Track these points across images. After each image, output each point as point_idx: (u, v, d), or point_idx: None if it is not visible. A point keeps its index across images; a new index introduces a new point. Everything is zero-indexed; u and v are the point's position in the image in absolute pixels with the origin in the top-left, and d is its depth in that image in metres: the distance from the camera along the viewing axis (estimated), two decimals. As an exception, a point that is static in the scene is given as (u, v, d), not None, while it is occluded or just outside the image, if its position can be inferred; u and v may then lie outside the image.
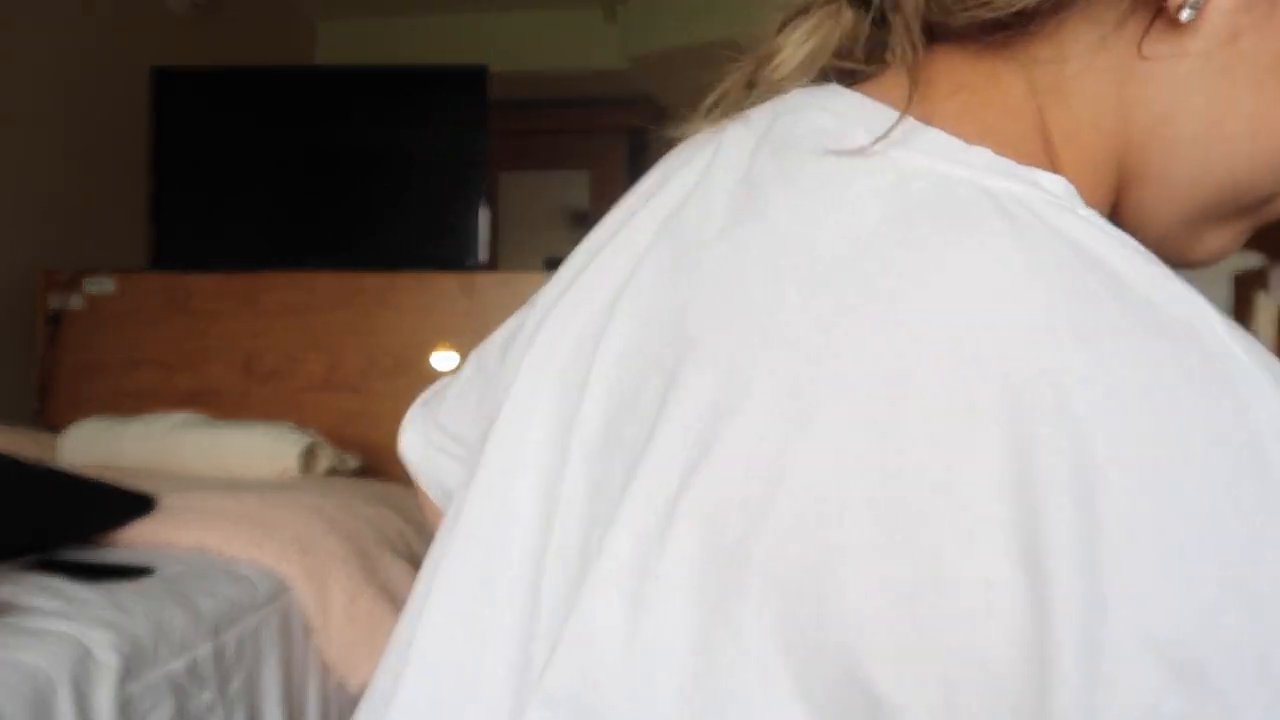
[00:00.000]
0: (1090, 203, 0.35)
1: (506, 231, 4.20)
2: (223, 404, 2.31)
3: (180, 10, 3.09)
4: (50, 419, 2.35)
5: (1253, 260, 2.53)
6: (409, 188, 2.58)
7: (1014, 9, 0.37)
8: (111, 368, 2.38)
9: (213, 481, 1.79)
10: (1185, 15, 0.37)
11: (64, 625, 1.15)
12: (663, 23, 3.59)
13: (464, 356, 2.53)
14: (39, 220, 2.59)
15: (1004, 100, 0.39)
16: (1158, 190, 0.40)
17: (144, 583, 1.34)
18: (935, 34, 0.40)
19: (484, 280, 2.34)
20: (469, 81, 2.59)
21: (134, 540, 1.53)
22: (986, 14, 0.38)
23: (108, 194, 2.80)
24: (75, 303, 2.39)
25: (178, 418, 2.00)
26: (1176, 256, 0.44)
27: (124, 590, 1.29)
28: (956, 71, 0.40)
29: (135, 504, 1.53)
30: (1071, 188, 0.35)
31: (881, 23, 0.41)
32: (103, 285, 2.40)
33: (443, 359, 2.29)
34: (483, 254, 2.56)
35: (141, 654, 1.20)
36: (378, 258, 2.53)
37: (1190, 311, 0.30)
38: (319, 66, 3.86)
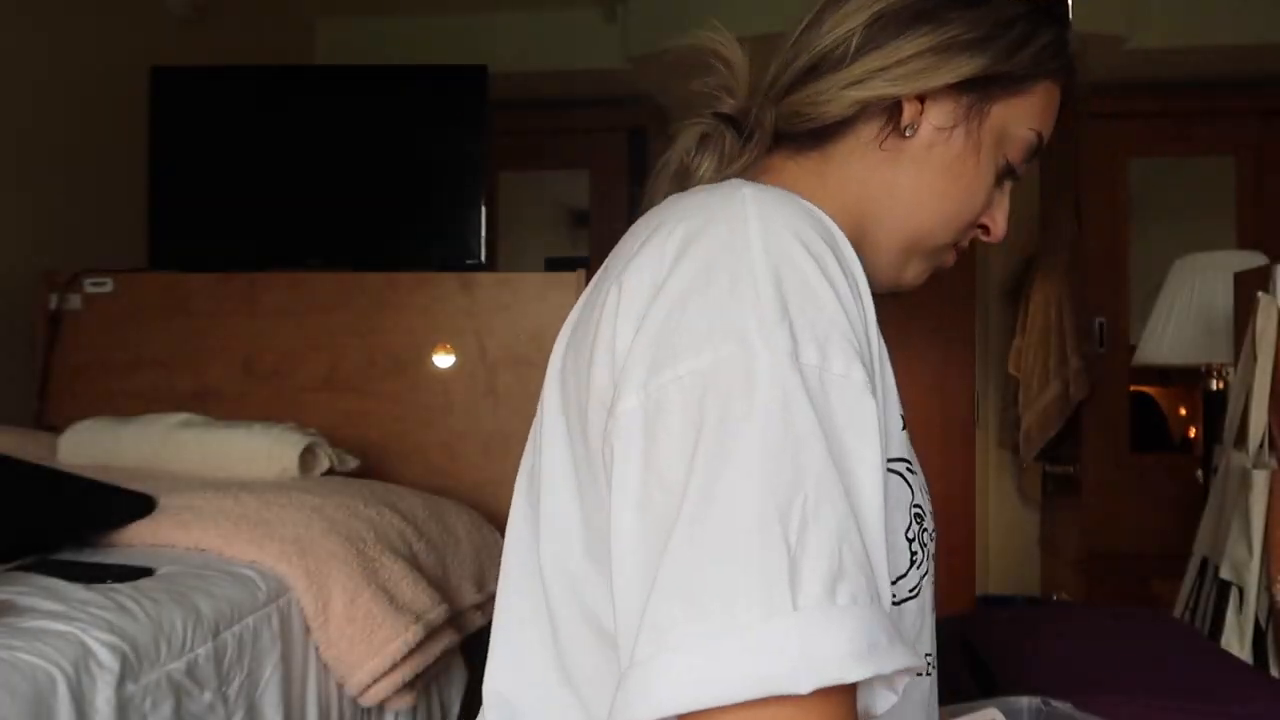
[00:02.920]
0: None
1: (506, 231, 4.19)
2: (222, 404, 2.31)
3: (179, 11, 3.09)
4: (49, 419, 2.35)
5: (1254, 259, 2.53)
6: (409, 187, 2.58)
7: (813, 125, 0.73)
8: (111, 368, 2.38)
9: (212, 481, 1.79)
10: (908, 133, 0.72)
11: (63, 626, 1.15)
12: (663, 23, 3.59)
13: (463, 356, 2.51)
14: (38, 221, 2.59)
15: (786, 182, 0.73)
16: (880, 235, 0.75)
17: (143, 583, 1.33)
18: (770, 147, 0.76)
19: (484, 280, 2.34)
20: (469, 81, 2.58)
21: (133, 541, 1.53)
22: (800, 126, 0.74)
23: (107, 194, 2.80)
24: (74, 303, 2.39)
25: (177, 418, 2.00)
26: (894, 278, 0.78)
27: (123, 591, 1.28)
28: (772, 166, 0.77)
29: (135, 504, 1.53)
30: None
31: (747, 141, 0.76)
32: (102, 285, 2.40)
33: (442, 359, 2.29)
34: (483, 254, 2.55)
35: (141, 654, 1.20)
36: (377, 258, 2.53)
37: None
38: (318, 66, 3.85)
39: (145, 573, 1.37)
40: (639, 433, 0.54)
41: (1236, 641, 1.91)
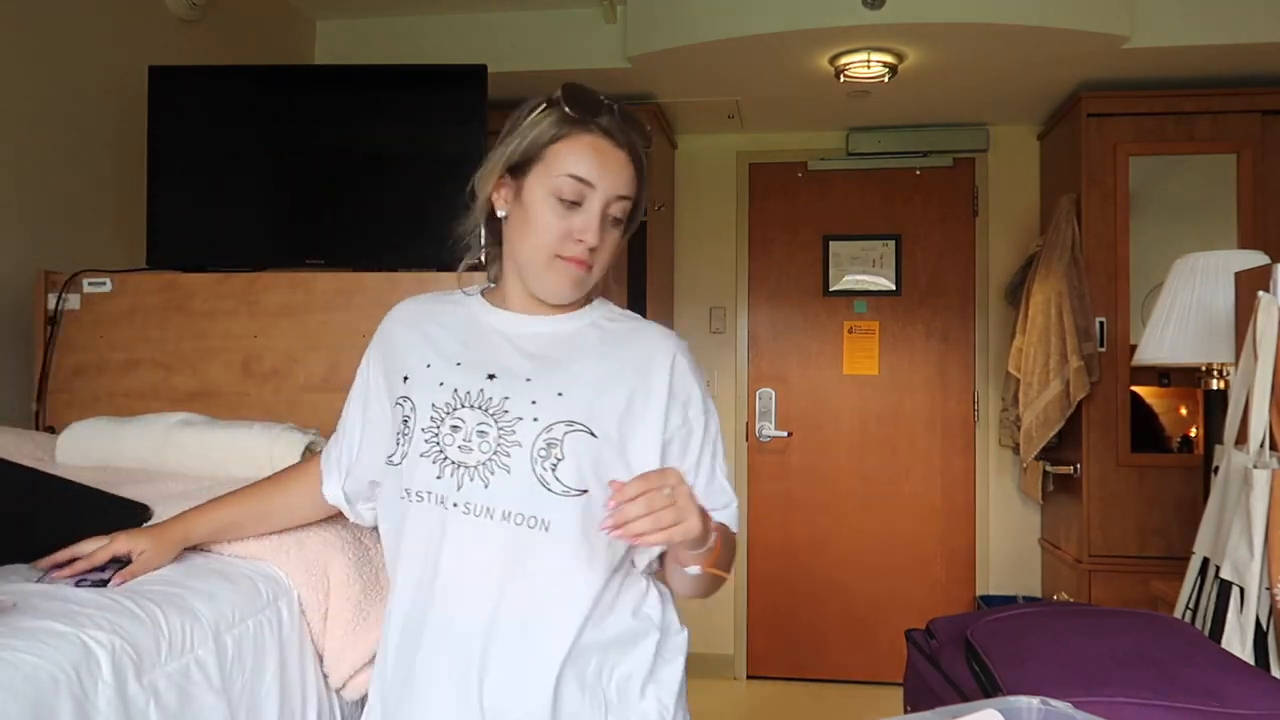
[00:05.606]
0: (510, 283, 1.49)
1: (506, 231, 4.18)
2: (222, 404, 2.31)
3: (178, 10, 3.09)
4: (48, 419, 2.34)
5: (1255, 259, 2.53)
6: (408, 187, 2.58)
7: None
8: (109, 368, 2.38)
9: (211, 482, 1.79)
10: (501, 213, 1.43)
11: (64, 626, 1.15)
12: (663, 22, 3.59)
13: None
14: (37, 220, 2.58)
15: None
16: (515, 265, 1.44)
17: (144, 584, 1.33)
18: None
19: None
20: (468, 80, 2.58)
21: (133, 541, 1.52)
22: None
23: (106, 194, 2.80)
24: (73, 303, 2.39)
25: (176, 417, 2.00)
26: (539, 288, 1.41)
27: (124, 592, 1.28)
28: None
29: (130, 513, 1.52)
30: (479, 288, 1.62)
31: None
32: (100, 285, 2.40)
33: (442, 359, 2.28)
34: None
35: (142, 655, 1.20)
36: (377, 258, 2.52)
37: None
38: (318, 65, 3.85)
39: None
40: None
41: (1237, 642, 1.91)
